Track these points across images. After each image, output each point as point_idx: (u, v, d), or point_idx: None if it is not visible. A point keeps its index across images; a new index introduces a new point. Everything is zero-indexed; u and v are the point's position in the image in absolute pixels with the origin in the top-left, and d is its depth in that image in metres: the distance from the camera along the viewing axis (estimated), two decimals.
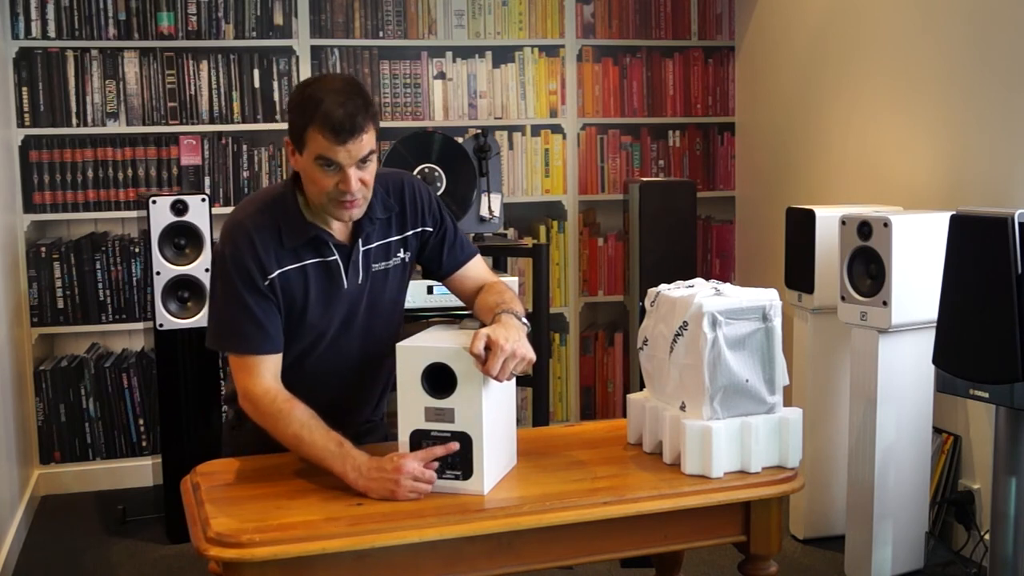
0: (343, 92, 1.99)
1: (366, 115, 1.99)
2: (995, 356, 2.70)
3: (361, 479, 1.93)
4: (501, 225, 4.09)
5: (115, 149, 4.36)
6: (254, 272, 2.07)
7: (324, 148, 1.98)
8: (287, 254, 2.10)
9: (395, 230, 2.21)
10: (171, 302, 3.70)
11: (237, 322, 2.08)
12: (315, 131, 1.98)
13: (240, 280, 2.07)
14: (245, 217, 2.11)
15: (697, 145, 4.97)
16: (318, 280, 2.13)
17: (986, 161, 3.38)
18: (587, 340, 4.92)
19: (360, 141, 1.99)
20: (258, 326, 2.07)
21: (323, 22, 4.52)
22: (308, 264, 2.12)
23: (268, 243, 2.08)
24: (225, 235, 2.12)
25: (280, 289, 2.09)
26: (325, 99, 1.98)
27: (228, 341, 2.11)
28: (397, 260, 2.23)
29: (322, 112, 1.97)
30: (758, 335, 2.07)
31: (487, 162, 4.02)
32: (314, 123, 1.98)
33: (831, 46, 4.21)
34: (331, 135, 1.97)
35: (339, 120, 1.96)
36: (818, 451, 3.65)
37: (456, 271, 2.31)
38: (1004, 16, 3.29)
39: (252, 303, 2.07)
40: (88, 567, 3.61)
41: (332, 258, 2.13)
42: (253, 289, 2.07)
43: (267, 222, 2.09)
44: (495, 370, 1.90)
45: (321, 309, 2.15)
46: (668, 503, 1.96)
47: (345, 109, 1.97)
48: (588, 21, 4.80)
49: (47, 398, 4.31)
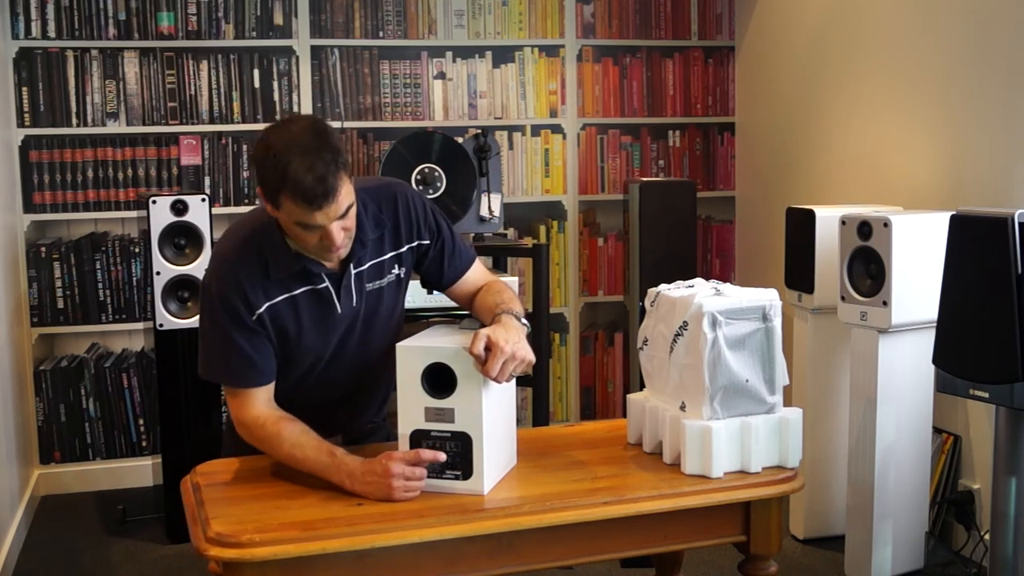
0: (309, 151, 1.89)
1: (337, 172, 1.90)
2: (995, 356, 2.70)
3: (357, 484, 1.93)
4: (501, 225, 4.09)
5: (115, 149, 4.36)
6: (240, 309, 2.02)
7: (300, 215, 1.92)
8: (275, 285, 2.05)
9: (389, 246, 2.15)
10: (171, 302, 3.70)
11: (227, 357, 2.05)
12: (287, 199, 1.90)
13: (227, 316, 2.03)
14: (230, 251, 2.06)
15: (697, 145, 4.97)
16: (310, 308, 2.09)
17: (986, 161, 3.38)
18: (587, 340, 4.92)
19: (336, 201, 1.91)
20: (248, 361, 2.05)
21: (323, 22, 4.52)
22: (298, 294, 2.07)
23: (254, 277, 2.03)
24: (211, 269, 2.08)
25: (270, 321, 2.05)
26: (292, 162, 1.87)
27: (218, 374, 2.09)
28: (392, 277, 2.18)
29: (291, 180, 1.87)
30: (758, 335, 2.07)
31: (487, 162, 4.02)
32: (285, 191, 1.89)
33: (831, 46, 4.21)
34: (305, 204, 1.89)
35: (310, 187, 1.87)
36: (818, 451, 3.65)
37: (456, 281, 2.26)
38: (1004, 16, 3.29)
39: (240, 339, 2.03)
40: (88, 567, 3.61)
41: (323, 285, 2.08)
42: (241, 325, 2.03)
43: (252, 255, 2.04)
44: (494, 372, 1.90)
45: (316, 335, 2.12)
46: (668, 503, 1.96)
47: (315, 173, 1.87)
48: (588, 21, 4.80)
49: (47, 398, 4.31)
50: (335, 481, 1.96)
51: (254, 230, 2.06)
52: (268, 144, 1.93)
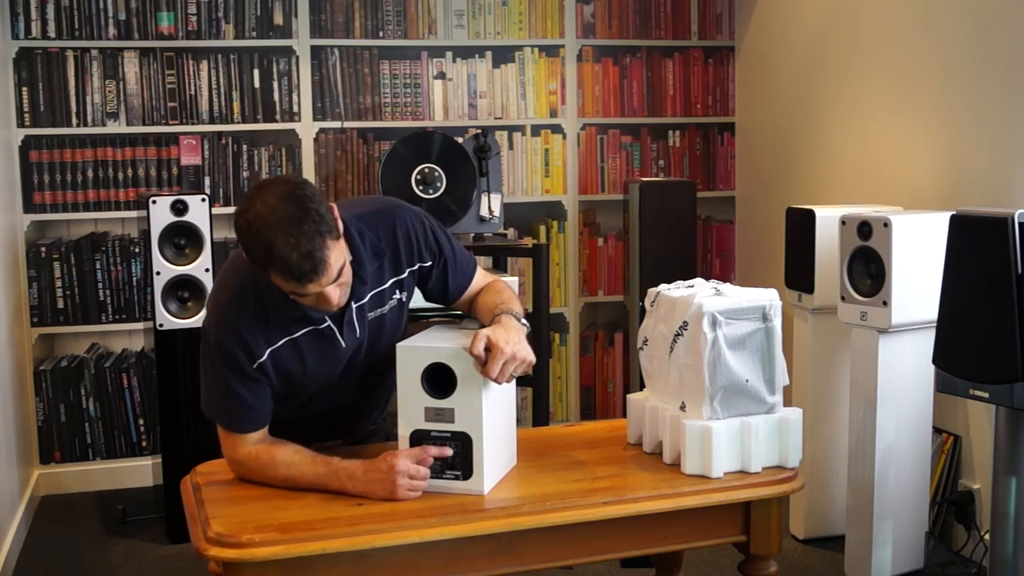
0: (292, 224, 1.82)
1: (323, 242, 1.83)
2: (995, 356, 2.70)
3: (359, 484, 1.93)
4: (501, 225, 4.09)
5: (115, 149, 4.36)
6: (240, 358, 1.99)
7: (291, 288, 1.89)
8: (275, 329, 2.00)
9: (389, 274, 2.11)
10: (171, 302, 3.70)
11: (226, 403, 2.03)
12: (276, 276, 1.87)
13: (227, 366, 1.99)
14: (227, 299, 2.01)
15: (697, 145, 4.97)
16: (313, 348, 2.05)
17: (986, 161, 3.38)
18: (587, 340, 4.92)
19: (327, 273, 1.86)
20: (246, 409, 2.03)
21: (323, 22, 4.52)
22: (300, 336, 2.03)
23: (254, 325, 1.98)
24: (209, 316, 2.04)
25: (272, 367, 2.02)
26: (276, 242, 1.81)
27: (218, 417, 2.07)
28: (394, 302, 2.14)
29: (278, 259, 1.82)
30: (758, 335, 2.07)
31: (487, 162, 4.02)
32: (272, 269, 1.85)
33: (831, 46, 4.21)
34: (294, 281, 1.85)
35: (297, 265, 1.82)
36: (818, 451, 3.65)
37: (461, 295, 2.23)
38: (1004, 16, 3.28)
39: (240, 388, 2.01)
40: (88, 567, 3.61)
41: (325, 325, 2.04)
42: (240, 375, 2.00)
43: (249, 303, 1.99)
44: (494, 372, 1.90)
45: (319, 371, 2.09)
46: (668, 503, 1.96)
47: (300, 250, 1.81)
48: (588, 21, 4.80)
49: (47, 398, 4.31)
50: (336, 488, 1.95)
51: (250, 275, 1.98)
52: (249, 220, 1.85)
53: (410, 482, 1.91)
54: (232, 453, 2.07)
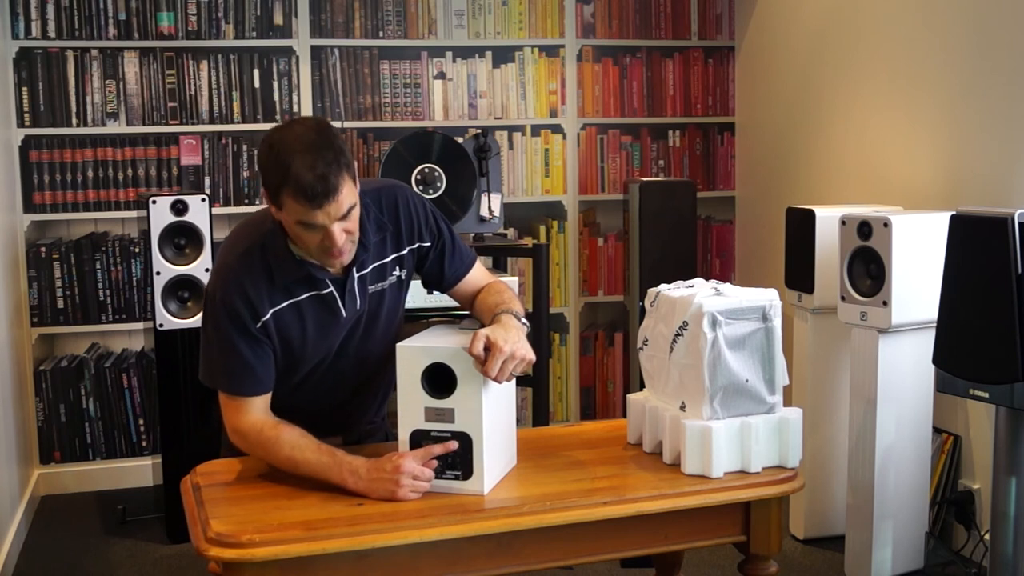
0: (311, 149, 1.89)
1: (339, 171, 1.90)
2: (995, 356, 2.70)
3: (361, 482, 1.93)
4: (501, 225, 4.09)
5: (115, 149, 4.36)
6: (245, 317, 2.02)
7: (301, 214, 1.92)
8: (279, 292, 2.05)
9: (390, 249, 2.16)
10: (171, 302, 3.70)
11: (227, 364, 2.05)
12: (289, 197, 1.91)
13: (231, 323, 2.02)
14: (234, 259, 2.05)
15: (697, 145, 4.97)
16: (314, 313, 2.09)
17: (986, 161, 3.38)
18: (587, 340, 4.92)
19: (337, 201, 1.91)
20: (248, 369, 2.04)
21: (323, 22, 4.52)
22: (302, 300, 2.07)
23: (259, 284, 2.03)
24: (214, 277, 2.07)
25: (275, 329, 2.05)
26: (294, 162, 1.88)
27: (217, 380, 2.09)
28: (393, 279, 2.18)
29: (293, 177, 1.88)
30: (758, 335, 2.07)
31: (487, 162, 4.02)
32: (286, 189, 1.90)
33: (831, 46, 4.21)
34: (306, 202, 1.89)
35: (311, 185, 1.87)
36: (818, 451, 3.65)
37: (457, 283, 2.27)
38: (1004, 16, 3.28)
39: (243, 347, 2.03)
40: (88, 567, 3.61)
41: (327, 291, 2.08)
42: (244, 333, 2.03)
43: (256, 262, 2.04)
44: (494, 371, 1.90)
45: (320, 340, 2.12)
46: (668, 503, 1.96)
47: (316, 171, 1.88)
48: (588, 21, 4.80)
49: (47, 398, 4.31)
50: (336, 480, 1.95)
51: (257, 237, 2.06)
52: (271, 143, 1.94)
53: (413, 483, 1.91)
54: (235, 421, 2.07)
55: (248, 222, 2.14)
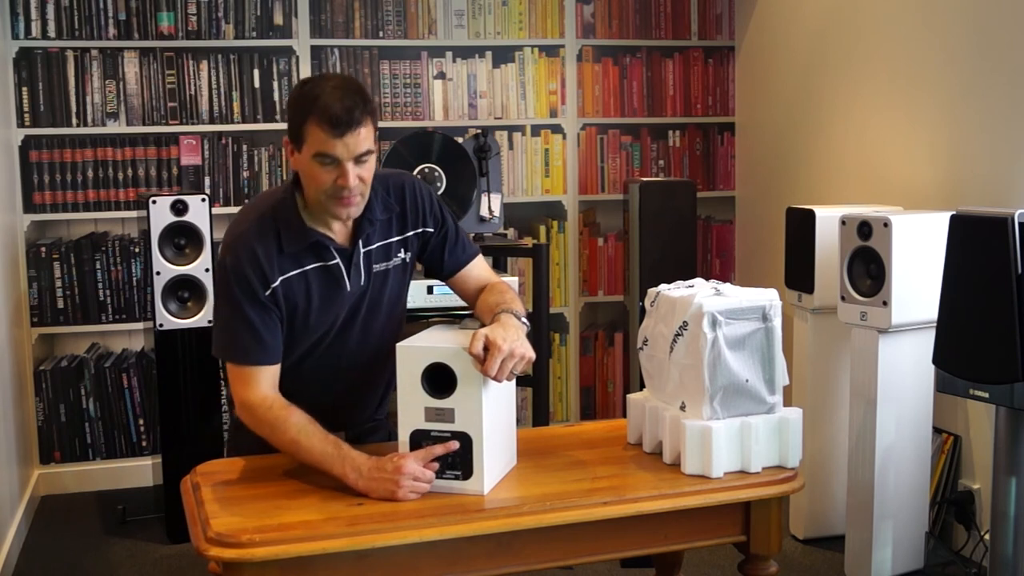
0: (341, 88, 2.00)
1: (364, 110, 2.00)
2: (995, 356, 2.70)
3: (361, 480, 1.93)
4: (501, 225, 4.08)
5: (115, 149, 4.36)
6: (255, 283, 2.06)
7: (322, 142, 1.98)
8: (288, 260, 2.10)
9: (395, 231, 2.21)
10: (171, 302, 3.70)
11: (236, 333, 2.08)
12: (313, 125, 1.99)
13: (240, 291, 2.07)
14: (246, 228, 2.10)
15: (697, 145, 4.97)
16: (320, 284, 2.13)
17: (986, 161, 3.38)
18: (587, 340, 4.92)
19: (358, 135, 1.99)
20: (257, 338, 2.07)
21: (323, 22, 4.52)
22: (309, 269, 2.12)
23: (269, 251, 2.08)
24: (226, 245, 2.12)
25: (283, 297, 2.09)
26: (323, 94, 1.99)
27: (226, 350, 2.11)
28: (398, 261, 2.22)
29: (320, 106, 1.97)
30: (758, 335, 2.07)
31: (487, 162, 4.02)
32: (312, 117, 1.98)
33: (831, 46, 4.21)
34: (328, 128, 1.97)
35: (336, 113, 1.96)
36: (818, 451, 3.65)
37: (458, 271, 2.31)
38: (1004, 16, 3.29)
39: (252, 315, 2.07)
40: (88, 567, 3.61)
41: (333, 262, 2.13)
42: (254, 300, 2.07)
43: (267, 230, 2.09)
44: (493, 371, 1.90)
45: (324, 312, 2.15)
46: (668, 503, 1.96)
47: (343, 103, 1.97)
48: (588, 21, 4.80)
49: (47, 398, 4.31)
50: (337, 473, 1.96)
51: (268, 207, 2.13)
52: (303, 83, 2.07)
53: (413, 484, 1.91)
54: (243, 394, 2.09)
55: (259, 196, 2.24)
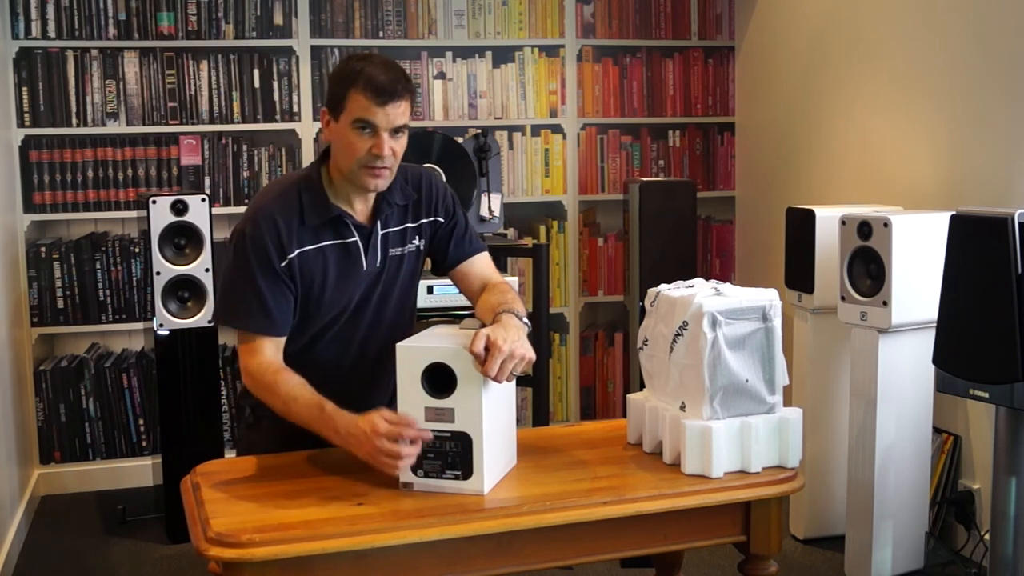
0: (387, 63, 2.12)
1: (406, 87, 2.10)
2: (995, 356, 2.70)
3: (339, 439, 1.99)
4: (501, 225, 4.09)
5: (115, 149, 4.36)
6: (272, 253, 2.11)
7: (363, 109, 2.07)
8: (308, 234, 2.15)
9: (411, 217, 2.27)
10: (171, 302, 3.70)
11: (245, 301, 2.12)
12: (356, 93, 2.07)
13: (256, 260, 2.11)
14: (269, 200, 2.17)
15: (697, 145, 4.97)
16: (337, 261, 2.17)
17: (986, 161, 3.38)
18: (587, 340, 4.92)
19: (399, 107, 2.08)
20: (265, 309, 2.11)
21: (323, 22, 4.52)
22: (327, 245, 2.17)
23: (290, 222, 2.13)
24: (248, 214, 2.18)
25: (298, 269, 2.14)
26: (368, 67, 2.08)
27: (234, 318, 2.16)
28: (412, 247, 2.28)
29: (366, 75, 2.07)
30: (758, 335, 2.07)
31: (487, 162, 4.02)
32: (356, 85, 2.07)
33: (831, 46, 4.21)
34: (372, 95, 2.05)
35: (381, 83, 2.06)
36: (818, 451, 3.65)
37: (461, 263, 2.34)
38: (1004, 16, 3.28)
39: (264, 285, 2.11)
40: (88, 567, 3.61)
41: (352, 239, 2.18)
42: (268, 270, 2.11)
43: (290, 202, 2.15)
44: (493, 371, 1.90)
45: (338, 290, 2.19)
46: (668, 503, 1.96)
47: (389, 75, 2.08)
48: (588, 21, 4.80)
49: (47, 398, 4.31)
50: (323, 435, 2.02)
51: (293, 181, 2.20)
52: (349, 57, 2.17)
53: (389, 447, 1.90)
54: (246, 361, 2.13)
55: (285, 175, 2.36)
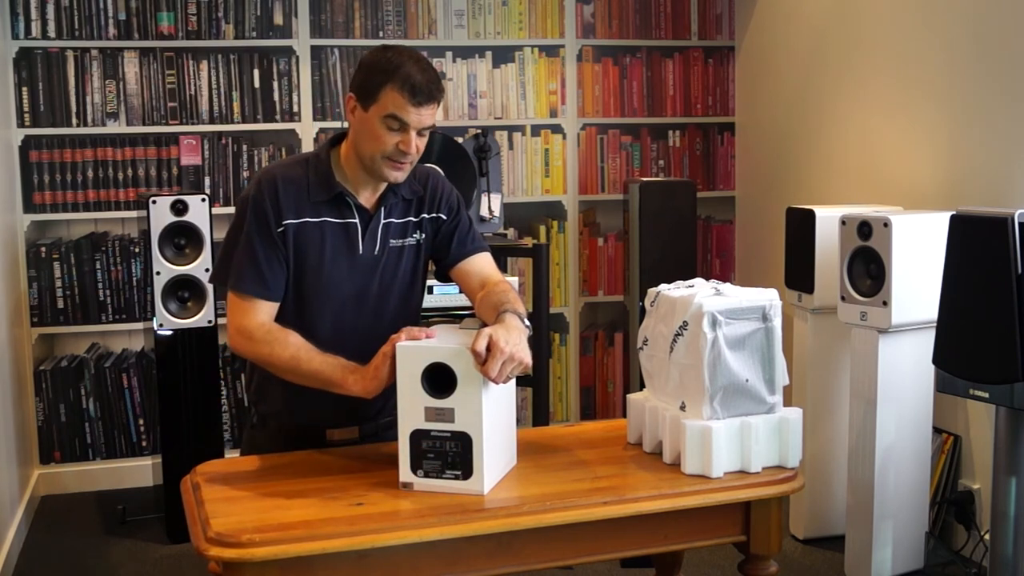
0: (423, 62, 2.12)
1: (440, 90, 2.12)
2: (995, 356, 2.70)
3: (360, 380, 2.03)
4: (501, 225, 4.09)
5: (115, 149, 4.36)
6: (270, 216, 2.13)
7: (398, 107, 2.07)
8: (309, 207, 2.17)
9: (414, 211, 2.28)
10: (171, 302, 3.70)
11: (240, 261, 2.15)
12: (392, 89, 2.07)
13: (255, 220, 2.14)
14: (277, 167, 2.21)
15: (697, 145, 4.97)
16: (334, 240, 2.18)
17: (986, 161, 3.38)
18: (587, 340, 4.92)
19: (431, 108, 2.10)
20: (258, 271, 2.14)
21: (323, 22, 4.52)
22: (327, 221, 2.18)
23: (292, 192, 2.16)
24: (254, 180, 2.21)
25: (293, 238, 2.15)
26: (407, 64, 2.08)
27: (228, 277, 2.17)
28: (412, 241, 2.28)
29: (403, 73, 2.07)
30: (758, 335, 2.07)
31: (487, 162, 4.02)
32: (393, 82, 2.07)
33: (831, 46, 4.21)
34: (409, 95, 2.07)
35: (419, 84, 2.07)
36: (818, 451, 3.65)
37: (463, 260, 2.33)
38: (1004, 16, 3.29)
39: (259, 246, 2.13)
40: (88, 567, 3.61)
41: (352, 220, 2.19)
42: (264, 233, 2.14)
43: (297, 174, 2.18)
44: (493, 372, 1.90)
45: (334, 272, 2.18)
46: (668, 503, 1.96)
47: (426, 76, 2.09)
48: (588, 21, 4.80)
49: (47, 398, 4.31)
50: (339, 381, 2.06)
51: (303, 157, 2.23)
52: (385, 47, 2.15)
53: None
54: (240, 320, 2.15)
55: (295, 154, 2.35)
